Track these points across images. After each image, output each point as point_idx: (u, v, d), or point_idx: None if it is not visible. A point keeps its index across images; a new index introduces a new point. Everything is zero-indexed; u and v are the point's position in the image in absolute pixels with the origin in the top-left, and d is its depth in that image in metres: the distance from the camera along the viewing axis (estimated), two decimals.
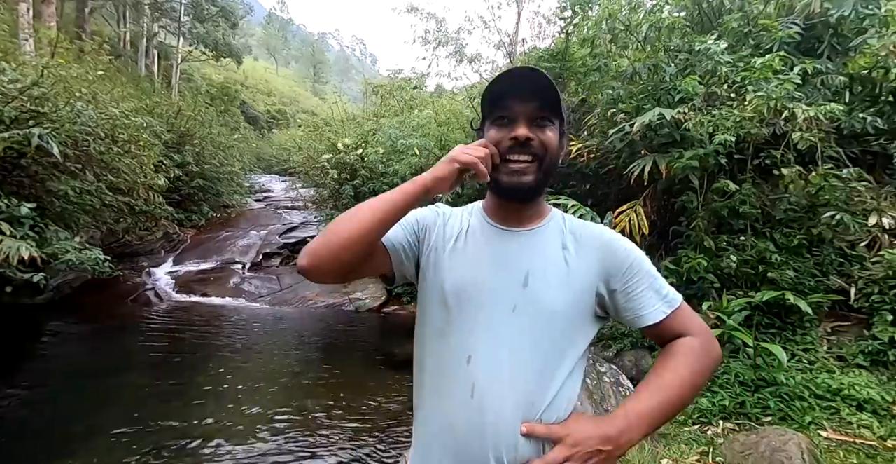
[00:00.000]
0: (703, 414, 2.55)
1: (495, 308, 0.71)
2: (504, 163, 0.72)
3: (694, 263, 3.18)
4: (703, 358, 0.73)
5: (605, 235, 0.77)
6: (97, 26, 17.39)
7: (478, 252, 0.76)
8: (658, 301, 0.74)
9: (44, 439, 2.60)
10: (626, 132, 3.53)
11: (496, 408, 0.68)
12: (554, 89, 0.70)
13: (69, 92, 4.52)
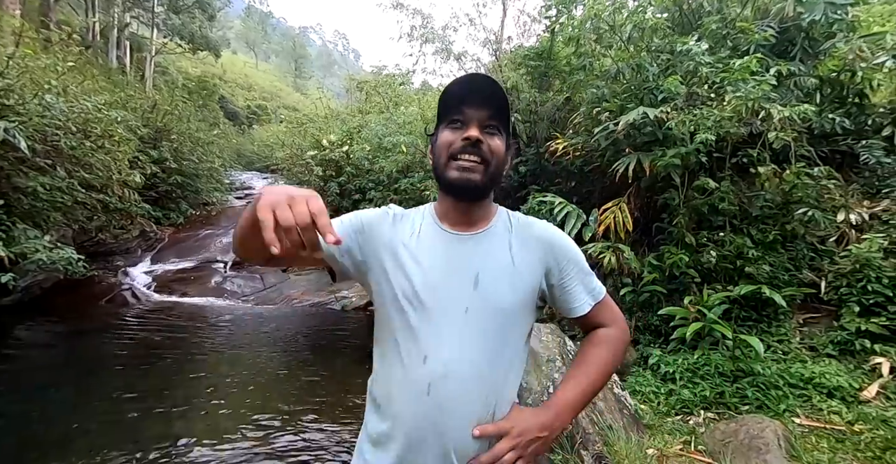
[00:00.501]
0: (686, 404, 2.64)
1: (449, 310, 0.75)
2: (454, 160, 0.76)
3: (676, 258, 3.27)
4: (617, 344, 0.85)
5: (546, 232, 0.83)
6: (64, 16, 16.59)
7: (430, 256, 0.78)
8: (586, 295, 0.83)
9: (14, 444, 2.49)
10: (610, 131, 3.60)
11: (452, 406, 0.73)
12: (506, 102, 0.76)
13: (37, 84, 4.32)
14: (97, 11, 17.12)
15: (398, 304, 0.77)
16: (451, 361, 0.73)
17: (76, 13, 17.70)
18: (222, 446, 2.60)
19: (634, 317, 3.50)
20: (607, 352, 0.83)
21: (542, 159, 5.37)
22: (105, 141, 5.00)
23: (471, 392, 0.74)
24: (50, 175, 4.34)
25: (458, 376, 0.73)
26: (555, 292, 0.82)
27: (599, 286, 0.86)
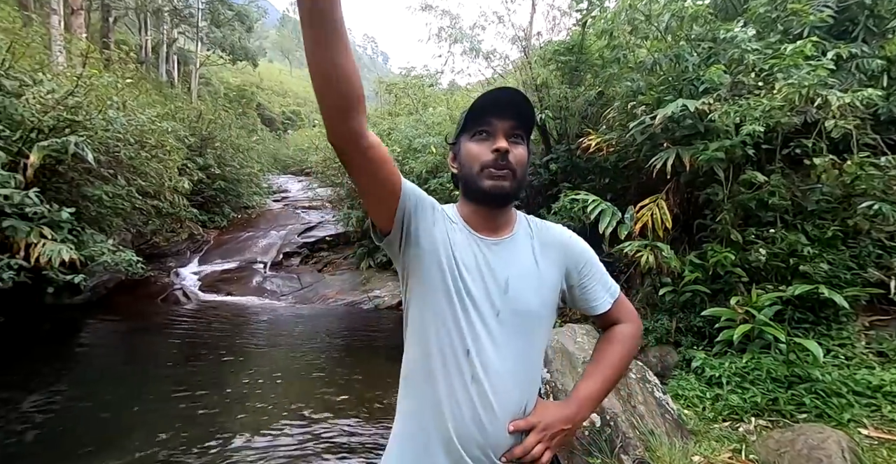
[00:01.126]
0: (734, 411, 2.50)
1: (484, 313, 0.78)
2: (487, 170, 0.78)
3: (720, 257, 3.11)
4: (634, 341, 0.90)
5: (564, 236, 0.88)
6: (121, 35, 17.95)
7: (466, 260, 0.80)
8: (605, 294, 0.88)
9: (87, 431, 2.74)
10: (647, 125, 3.46)
11: (492, 400, 0.76)
12: (531, 111, 0.79)
13: (101, 100, 4.70)
14: (149, 29, 18.40)
15: (449, 295, 0.78)
16: (490, 358, 0.77)
17: (131, 32, 19.08)
18: (264, 436, 2.74)
19: (675, 318, 3.35)
20: (623, 348, 0.88)
21: (573, 156, 5.25)
22: (158, 150, 5.37)
23: (509, 389, 0.78)
24: (112, 184, 4.72)
25: (497, 373, 0.77)
26: (575, 292, 0.87)
27: (615, 284, 0.91)
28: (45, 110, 4.24)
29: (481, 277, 0.79)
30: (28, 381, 3.34)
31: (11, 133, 4.09)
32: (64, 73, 5.17)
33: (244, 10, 21.08)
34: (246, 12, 21.14)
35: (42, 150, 4.08)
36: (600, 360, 0.88)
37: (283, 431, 2.82)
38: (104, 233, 4.69)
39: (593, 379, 0.86)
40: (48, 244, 3.84)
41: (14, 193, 3.67)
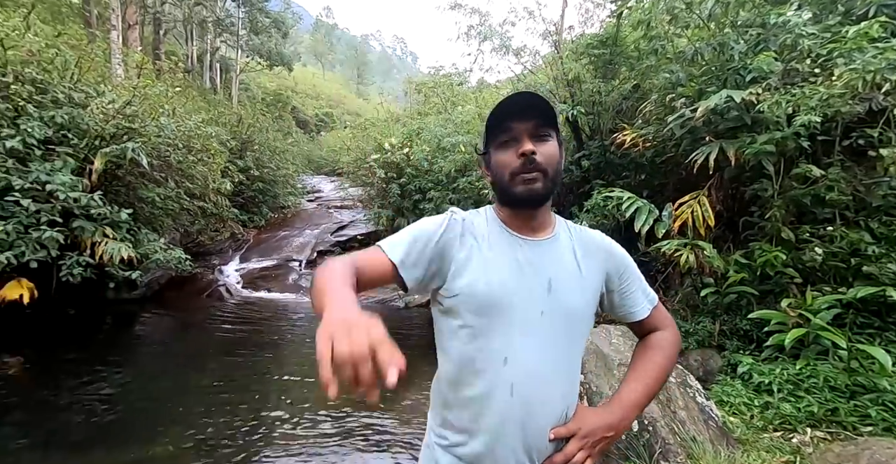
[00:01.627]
0: (786, 420, 2.35)
1: (526, 313, 0.77)
2: (517, 176, 0.77)
3: (770, 256, 2.92)
4: (674, 348, 0.88)
5: (604, 241, 0.87)
6: (170, 46, 19.11)
7: (504, 260, 0.79)
8: (644, 300, 0.87)
9: (142, 415, 2.95)
10: (687, 118, 3.30)
11: (535, 406, 0.76)
12: (548, 105, 0.77)
13: (153, 108, 5.02)
14: (195, 40, 19.47)
15: (479, 307, 0.77)
16: (531, 362, 0.76)
17: (179, 43, 20.24)
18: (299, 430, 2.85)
19: (718, 320, 3.19)
20: (663, 356, 0.86)
21: (607, 152, 5.09)
22: (203, 154, 5.69)
23: (552, 392, 0.77)
24: (163, 186, 5.05)
25: (539, 377, 0.76)
26: (614, 298, 0.86)
27: (653, 292, 0.90)
28: (106, 119, 4.59)
29: (522, 277, 0.78)
30: (93, 367, 3.64)
31: (79, 141, 4.46)
32: (122, 85, 5.56)
33: (280, 16, 21.89)
34: (282, 19, 21.93)
35: (104, 156, 4.42)
36: (642, 366, 0.86)
37: (319, 425, 2.91)
38: (157, 232, 5.02)
39: (637, 385, 0.83)
40: (110, 243, 4.16)
41: (81, 196, 4.01)
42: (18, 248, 3.59)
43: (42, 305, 4.09)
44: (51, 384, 3.30)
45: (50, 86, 4.56)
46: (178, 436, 2.70)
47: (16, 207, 3.67)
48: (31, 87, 4.38)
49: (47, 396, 3.12)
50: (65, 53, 4.93)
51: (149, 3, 15.43)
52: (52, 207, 3.83)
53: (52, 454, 2.45)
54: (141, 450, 2.52)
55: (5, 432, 2.64)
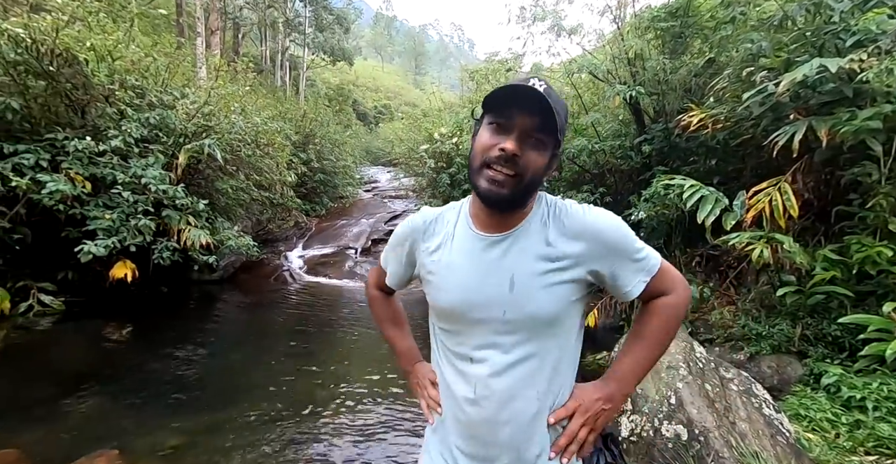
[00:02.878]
0: (883, 443, 2.03)
1: (489, 315, 0.76)
2: (486, 169, 0.72)
3: (871, 252, 2.51)
4: (677, 311, 0.81)
5: (587, 219, 0.78)
6: (247, 48, 20.72)
7: (466, 262, 0.79)
8: (638, 274, 0.78)
9: (219, 386, 3.32)
10: (768, 93, 2.89)
11: (501, 404, 0.76)
12: (559, 115, 0.70)
13: (226, 107, 5.50)
14: (267, 40, 20.91)
15: (444, 312, 0.82)
16: (493, 362, 0.76)
17: (255, 45, 21.88)
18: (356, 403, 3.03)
19: (801, 324, 2.81)
20: (663, 321, 0.81)
21: (671, 135, 4.64)
22: (269, 148, 6.13)
23: (522, 390, 0.76)
24: (235, 178, 5.54)
25: (503, 376, 0.76)
26: (605, 280, 0.79)
27: (654, 257, 0.80)
28: (188, 119, 5.13)
29: (483, 277, 0.76)
30: (181, 337, 4.16)
31: (167, 139, 5.04)
32: (201, 87, 6.15)
33: (342, 12, 22.69)
34: (344, 15, 22.74)
35: (187, 152, 4.95)
36: (639, 334, 0.83)
37: (370, 405, 3.07)
38: (230, 221, 5.56)
39: (632, 355, 0.81)
40: (192, 230, 4.68)
41: (169, 188, 4.54)
42: (121, 234, 4.17)
43: (141, 284, 4.73)
44: (149, 351, 3.83)
45: (146, 90, 5.18)
46: (248, 401, 3.02)
47: (119, 199, 4.26)
48: (132, 93, 5.01)
49: (146, 360, 3.63)
50: (157, 61, 5.55)
51: (229, 10, 16.82)
52: (146, 198, 4.39)
53: (149, 411, 2.85)
54: (220, 412, 2.84)
55: (115, 389, 3.12)
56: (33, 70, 4.24)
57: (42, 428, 2.48)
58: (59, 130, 4.30)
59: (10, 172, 3.82)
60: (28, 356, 3.49)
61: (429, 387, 0.91)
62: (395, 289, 1.02)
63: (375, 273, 1.05)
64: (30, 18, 4.25)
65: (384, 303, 1.08)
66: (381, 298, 1.07)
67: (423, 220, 0.88)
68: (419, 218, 0.89)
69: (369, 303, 1.10)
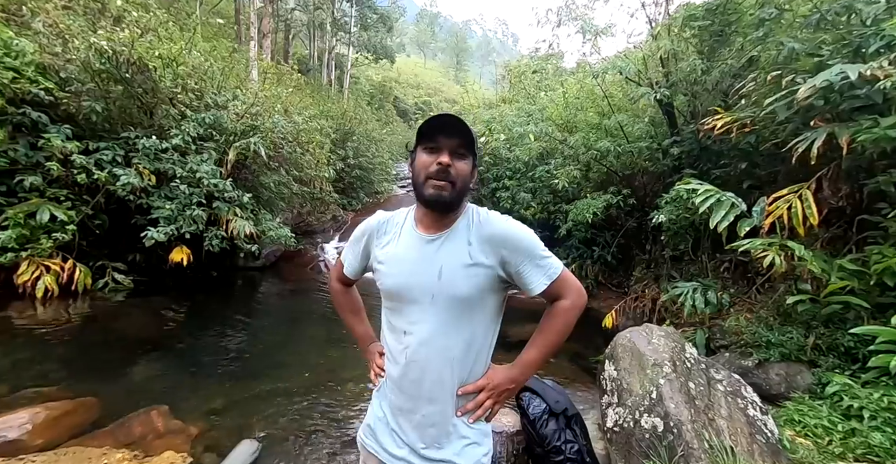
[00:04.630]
0: (873, 451, 2.02)
1: (421, 297, 0.97)
2: (430, 180, 0.94)
3: (891, 262, 2.43)
4: (571, 313, 1.01)
5: (500, 227, 0.98)
6: (296, 48, 21.79)
7: (407, 255, 1.01)
8: (541, 276, 0.98)
9: (257, 360, 3.73)
10: (791, 99, 2.83)
11: (425, 367, 0.98)
12: (471, 134, 0.94)
13: (271, 108, 6.00)
14: (316, 41, 21.86)
15: (388, 292, 1.03)
16: (423, 333, 0.98)
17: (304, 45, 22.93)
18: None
19: (814, 333, 2.76)
20: (560, 320, 1.01)
21: (702, 138, 4.54)
22: (309, 146, 6.59)
23: (442, 356, 0.98)
24: (277, 174, 6.03)
25: (429, 345, 0.97)
26: (513, 277, 0.98)
27: (556, 266, 1.00)
28: (238, 118, 5.66)
29: (419, 268, 0.97)
30: (229, 317, 4.68)
31: (220, 137, 5.59)
32: (251, 89, 6.71)
33: (386, 12, 23.21)
34: (388, 13, 23.25)
35: (236, 149, 5.48)
36: (541, 331, 1.03)
37: None
38: (272, 213, 6.07)
39: (535, 347, 1.03)
40: (238, 221, 5.20)
41: (219, 182, 5.07)
42: (178, 222, 4.74)
43: (195, 268, 5.32)
44: (200, 326, 4.35)
45: (204, 92, 5.76)
46: (285, 377, 3.38)
47: (177, 191, 4.83)
48: (192, 95, 5.60)
49: (197, 334, 4.14)
50: (214, 65, 6.14)
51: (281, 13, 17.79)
52: (200, 190, 4.94)
53: (197, 377, 3.29)
54: (256, 382, 3.23)
55: (171, 356, 3.62)
56: (113, 77, 4.88)
57: (113, 383, 2.97)
58: (132, 130, 4.93)
59: (93, 166, 4.45)
60: (104, 325, 4.10)
61: (377, 359, 1.13)
62: (353, 279, 1.24)
63: (337, 268, 1.27)
64: (112, 32, 4.88)
65: (344, 294, 1.30)
66: (342, 290, 1.30)
67: (378, 221, 1.11)
68: (374, 220, 1.12)
69: (331, 294, 1.32)
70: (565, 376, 3.60)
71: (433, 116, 0.96)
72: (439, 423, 0.99)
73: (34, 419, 2.24)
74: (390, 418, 1.04)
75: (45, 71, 4.62)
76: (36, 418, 2.25)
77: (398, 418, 1.03)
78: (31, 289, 4.17)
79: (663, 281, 4.78)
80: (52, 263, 4.36)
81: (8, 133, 4.22)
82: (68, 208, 4.45)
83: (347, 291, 1.31)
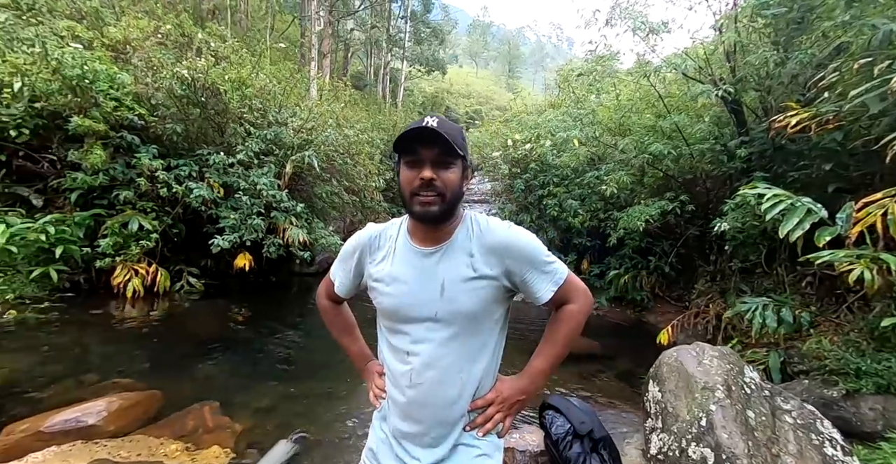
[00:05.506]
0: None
1: (422, 316, 0.91)
2: (416, 196, 0.88)
3: None
4: (579, 317, 0.96)
5: (504, 235, 0.92)
6: (354, 66, 23.11)
7: (405, 272, 0.94)
8: (547, 283, 0.93)
9: (305, 363, 3.91)
10: (886, 89, 2.43)
11: (432, 389, 0.92)
12: (454, 137, 0.85)
13: (325, 123, 6.38)
14: (372, 57, 23.02)
15: (387, 312, 0.97)
16: (427, 354, 0.92)
17: (362, 62, 24.25)
18: None
19: None
20: (567, 326, 0.96)
21: (776, 136, 4.06)
22: (359, 157, 6.89)
23: (449, 377, 0.92)
24: (329, 184, 6.37)
25: (435, 366, 0.92)
26: (518, 286, 0.93)
27: (561, 271, 0.94)
28: (295, 134, 6.08)
29: (419, 284, 0.91)
30: (282, 320, 4.98)
31: (279, 152, 6.04)
32: (307, 106, 7.20)
33: (438, 25, 23.85)
34: (440, 27, 23.87)
35: (293, 162, 5.88)
36: (548, 338, 0.98)
37: None
38: (324, 222, 6.41)
39: (543, 356, 0.98)
40: (293, 229, 5.55)
41: (277, 193, 5.46)
42: (241, 231, 5.16)
43: (256, 273, 5.75)
44: (258, 328, 4.67)
45: (267, 111, 6.28)
46: (327, 378, 3.53)
47: (241, 202, 5.27)
48: (256, 114, 6.13)
49: (255, 335, 4.45)
50: (276, 86, 6.68)
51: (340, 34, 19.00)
52: (260, 201, 5.35)
53: (249, 375, 3.52)
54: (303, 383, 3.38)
55: (230, 355, 3.91)
56: (191, 101, 5.49)
57: (176, 378, 3.27)
58: (205, 147, 5.49)
59: (173, 181, 5.02)
60: (178, 324, 4.55)
61: (376, 379, 1.07)
62: (344, 297, 1.16)
63: (325, 285, 1.19)
64: (192, 61, 5.51)
65: (334, 312, 1.22)
66: (332, 308, 1.22)
67: (370, 235, 1.03)
68: (365, 234, 1.04)
69: (321, 313, 1.24)
70: (611, 394, 3.35)
71: (408, 128, 0.87)
72: (449, 440, 0.94)
73: (109, 408, 2.52)
74: (394, 443, 0.98)
75: (139, 99, 5.32)
76: (111, 407, 2.53)
77: (403, 442, 0.97)
78: (122, 289, 4.76)
79: (730, 295, 4.31)
80: (139, 267, 4.96)
81: (109, 154, 4.90)
82: (153, 219, 5.04)
83: (338, 309, 1.23)
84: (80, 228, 4.69)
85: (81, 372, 3.15)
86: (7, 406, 2.59)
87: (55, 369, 3.12)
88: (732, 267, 4.34)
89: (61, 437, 2.27)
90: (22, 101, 4.54)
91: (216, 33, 7.59)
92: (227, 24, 10.29)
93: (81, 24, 6.02)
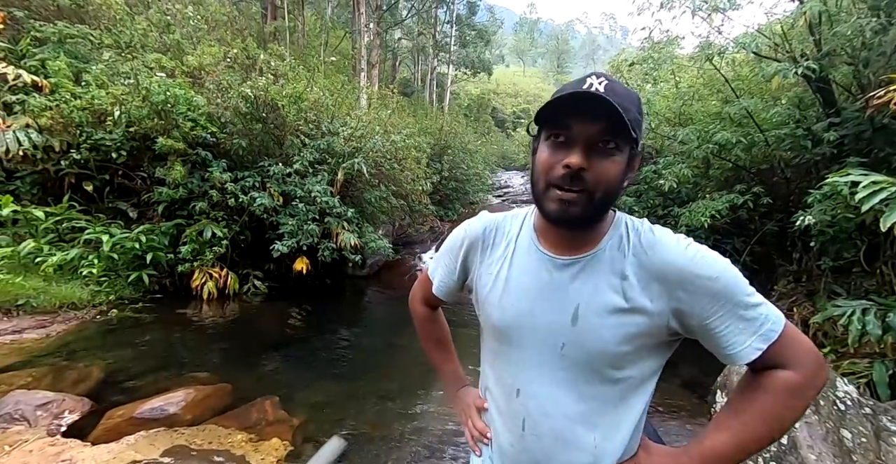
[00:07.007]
0: None
1: (544, 346, 0.68)
2: (552, 189, 0.63)
3: None
4: (799, 398, 0.61)
5: (679, 258, 0.62)
6: (402, 72, 23.79)
7: (525, 282, 0.71)
8: (750, 337, 0.61)
9: (359, 362, 4.05)
10: None
11: (549, 445, 0.69)
12: (627, 108, 0.58)
13: (372, 131, 6.60)
14: (419, 63, 23.55)
15: (496, 330, 0.74)
16: (543, 398, 0.69)
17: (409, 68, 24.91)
18: None
19: None
20: (776, 400, 0.61)
21: (878, 115, 3.52)
22: (406, 162, 7.04)
23: (575, 435, 0.68)
24: (378, 189, 6.56)
25: (557, 416, 0.68)
26: (697, 333, 0.64)
27: (774, 318, 0.61)
28: (346, 142, 6.36)
29: (542, 303, 0.68)
30: (337, 321, 5.21)
31: (331, 160, 6.34)
32: (357, 115, 7.50)
33: (484, 27, 23.81)
34: (485, 29, 23.82)
35: (344, 169, 6.14)
36: (738, 409, 0.65)
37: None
38: (374, 226, 6.61)
39: (730, 431, 0.63)
40: (345, 233, 5.79)
41: (330, 199, 5.73)
42: (298, 236, 5.48)
43: (313, 276, 6.07)
44: (315, 328, 4.92)
45: (321, 122, 6.63)
46: (379, 378, 3.64)
47: (297, 209, 5.60)
48: (311, 125, 6.49)
49: (313, 335, 4.69)
50: (327, 98, 7.04)
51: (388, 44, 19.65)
52: (314, 208, 5.65)
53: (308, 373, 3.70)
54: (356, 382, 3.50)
55: (290, 353, 4.15)
56: (254, 117, 5.94)
57: (244, 373, 3.53)
58: (266, 159, 5.90)
59: (239, 191, 5.45)
60: (245, 324, 4.92)
61: (474, 417, 0.85)
62: (443, 299, 0.93)
63: (420, 285, 0.97)
64: (254, 81, 5.97)
65: (430, 320, 1.01)
66: (427, 315, 1.00)
67: (484, 227, 0.80)
68: (478, 224, 0.81)
69: (415, 320, 1.02)
70: (674, 405, 3.09)
71: (562, 90, 0.61)
72: None
73: (187, 399, 2.78)
74: None
75: (211, 118, 5.85)
76: (188, 398, 2.79)
77: None
78: (199, 291, 5.25)
79: (820, 298, 3.79)
80: (213, 272, 5.44)
81: (187, 170, 5.44)
82: (223, 227, 5.51)
83: (434, 317, 1.01)
84: (166, 237, 5.26)
85: (166, 365, 3.51)
86: (111, 393, 2.95)
87: (147, 363, 3.50)
88: (821, 266, 3.81)
89: (149, 423, 2.54)
90: (120, 126, 5.19)
91: (276, 53, 8.18)
92: (286, 44, 11.04)
93: (166, 56, 6.78)
